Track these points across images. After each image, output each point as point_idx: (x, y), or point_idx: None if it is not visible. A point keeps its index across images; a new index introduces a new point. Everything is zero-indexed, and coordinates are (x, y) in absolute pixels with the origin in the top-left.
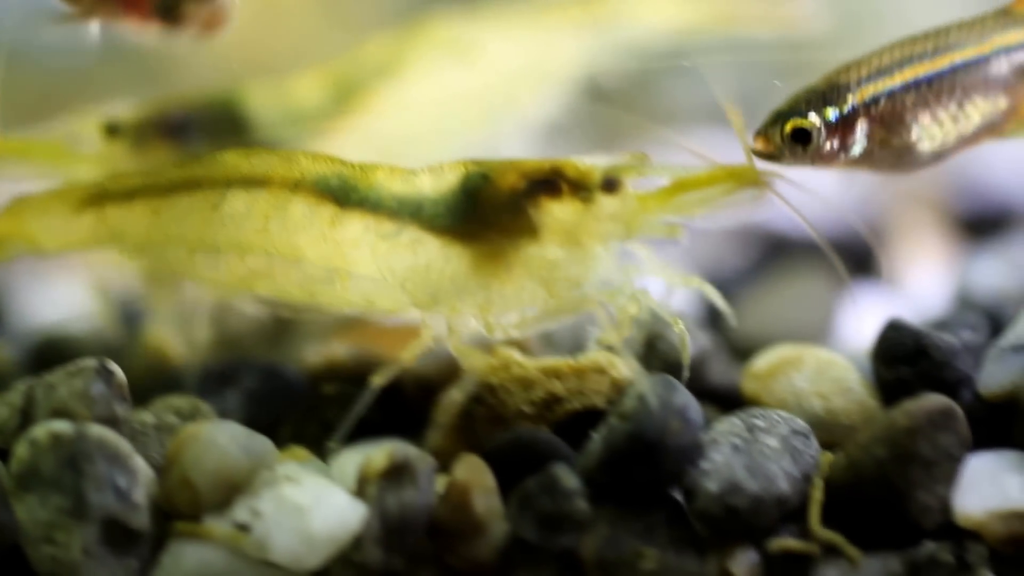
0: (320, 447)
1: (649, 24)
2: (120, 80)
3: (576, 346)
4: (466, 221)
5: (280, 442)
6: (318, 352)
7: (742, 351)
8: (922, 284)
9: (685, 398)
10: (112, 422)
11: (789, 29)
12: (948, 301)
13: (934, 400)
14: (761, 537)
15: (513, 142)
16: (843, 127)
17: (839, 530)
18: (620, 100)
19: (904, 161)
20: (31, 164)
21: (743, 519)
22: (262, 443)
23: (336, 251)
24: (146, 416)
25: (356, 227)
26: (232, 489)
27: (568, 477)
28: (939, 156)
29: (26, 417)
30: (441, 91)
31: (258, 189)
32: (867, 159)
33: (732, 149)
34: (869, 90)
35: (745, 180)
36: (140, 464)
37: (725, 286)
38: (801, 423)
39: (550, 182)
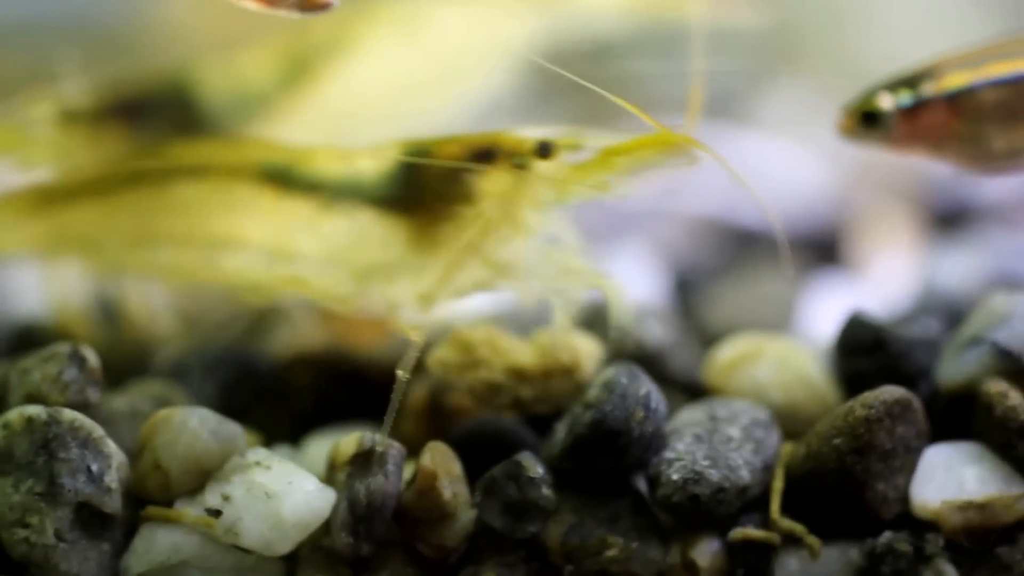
0: (290, 435)
1: (599, 5)
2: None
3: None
4: (405, 194)
5: (250, 429)
6: (289, 342)
7: (710, 342)
8: (888, 276)
9: (649, 387)
10: (85, 407)
11: (737, 16)
12: (913, 293)
13: (892, 391)
14: (723, 526)
15: (462, 119)
16: (918, 114)
17: (799, 520)
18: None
19: (978, 157)
20: None
21: (705, 508)
22: (233, 429)
23: (279, 233)
24: (119, 401)
25: (298, 208)
26: (203, 474)
27: (533, 465)
28: (1014, 157)
29: (0, 401)
30: (390, 68)
31: (200, 177)
32: (939, 149)
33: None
34: (951, 82)
35: (672, 147)
36: (113, 448)
37: (694, 278)
38: (763, 413)
39: (487, 151)
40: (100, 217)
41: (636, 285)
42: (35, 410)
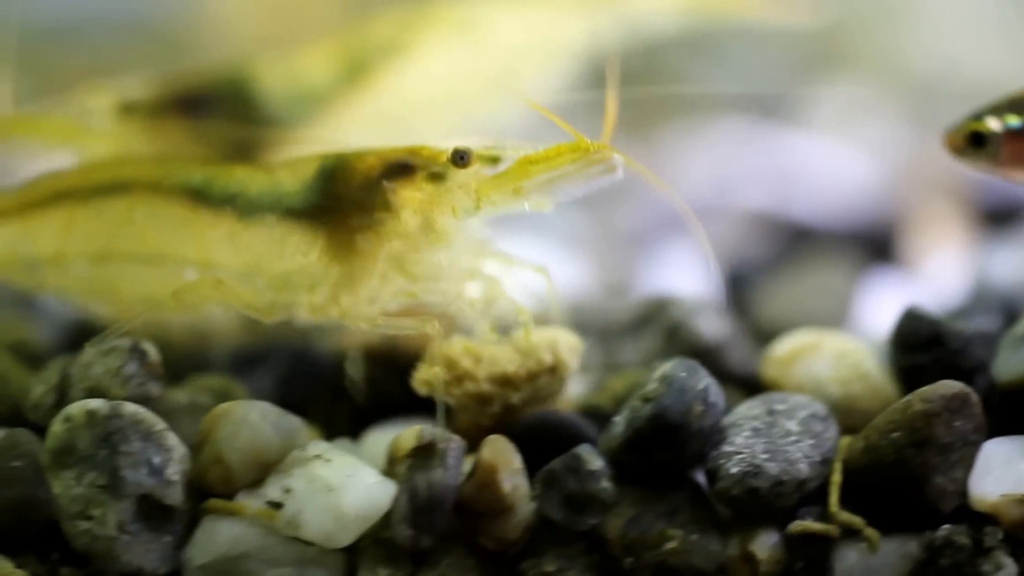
0: (349, 429)
1: (656, 5)
2: (134, 55)
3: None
4: (324, 206)
5: (310, 423)
6: (347, 338)
7: (764, 337)
8: (941, 272)
9: (707, 381)
10: (146, 400)
11: (795, 17)
12: (966, 289)
13: (950, 386)
14: (782, 519)
15: (517, 120)
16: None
17: (858, 513)
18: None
19: None
20: (44, 140)
21: (764, 501)
22: (293, 422)
23: (200, 248)
24: (179, 395)
25: (218, 222)
26: (264, 467)
27: (593, 458)
28: None
29: (61, 395)
30: (448, 69)
31: (122, 194)
32: None
33: (754, 137)
34: None
35: (592, 157)
36: (174, 441)
37: (748, 274)
38: (821, 407)
39: (404, 163)
40: (24, 236)
41: (689, 281)
42: (97, 404)
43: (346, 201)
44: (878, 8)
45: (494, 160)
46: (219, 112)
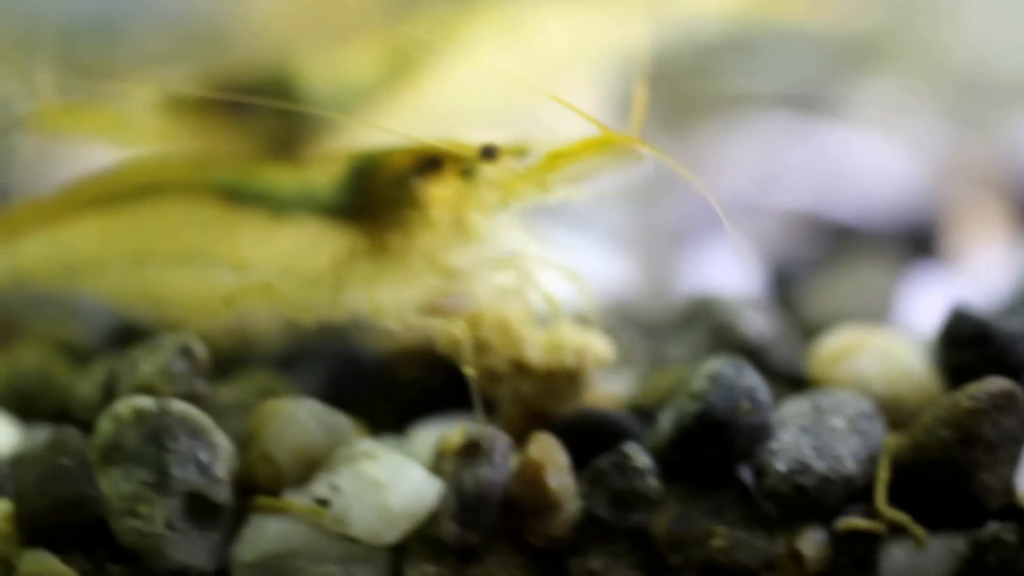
0: (395, 425)
1: (701, 8)
2: (172, 52)
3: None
4: (355, 203)
5: (356, 420)
6: (393, 337)
7: (809, 335)
8: (984, 269)
9: (754, 379)
10: (193, 398)
11: (840, 19)
12: (1010, 286)
13: (998, 383)
14: (828, 516)
15: (562, 121)
16: None
17: (905, 510)
18: (672, 82)
19: None
20: (87, 132)
21: (811, 498)
22: (340, 420)
23: (234, 248)
24: (226, 392)
25: (251, 222)
26: (311, 464)
27: (639, 455)
28: None
29: (108, 393)
30: (493, 68)
31: (156, 196)
32: None
33: (796, 135)
34: None
35: (618, 149)
36: (222, 439)
37: (792, 271)
38: (867, 404)
39: (433, 160)
40: (57, 239)
41: (733, 278)
42: (145, 401)
43: (376, 199)
44: (920, 4)
45: (522, 154)
46: (264, 109)
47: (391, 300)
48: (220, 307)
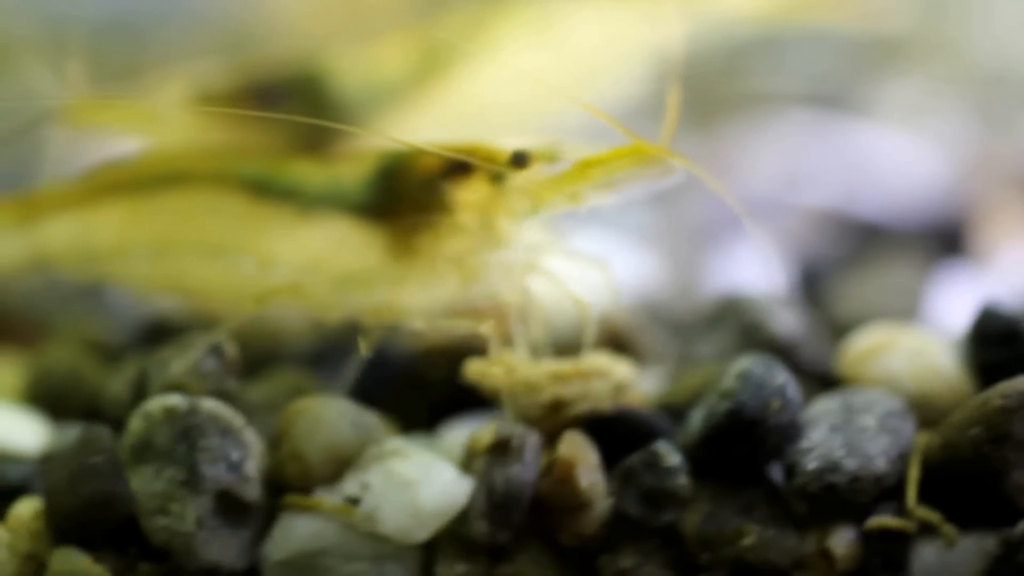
0: (425, 424)
1: (731, 8)
2: (199, 50)
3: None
4: (383, 201)
5: (386, 419)
6: (422, 336)
7: (837, 333)
8: (1012, 266)
9: (784, 377)
10: (224, 396)
11: (869, 21)
12: None
13: None
14: (859, 515)
15: (591, 122)
16: None
17: (935, 509)
18: (701, 81)
19: None
20: (117, 126)
21: (841, 497)
22: (370, 418)
23: (260, 242)
24: (256, 391)
25: (278, 217)
26: (341, 463)
27: (670, 454)
28: None
29: (139, 391)
30: (522, 67)
31: (183, 186)
32: None
33: (823, 134)
34: None
35: (649, 159)
36: (252, 437)
37: (819, 269)
38: (898, 403)
39: (463, 162)
40: (82, 226)
41: (760, 276)
42: (175, 400)
43: (404, 200)
44: (947, 4)
45: (552, 160)
46: (293, 105)
47: (418, 301)
48: (244, 300)
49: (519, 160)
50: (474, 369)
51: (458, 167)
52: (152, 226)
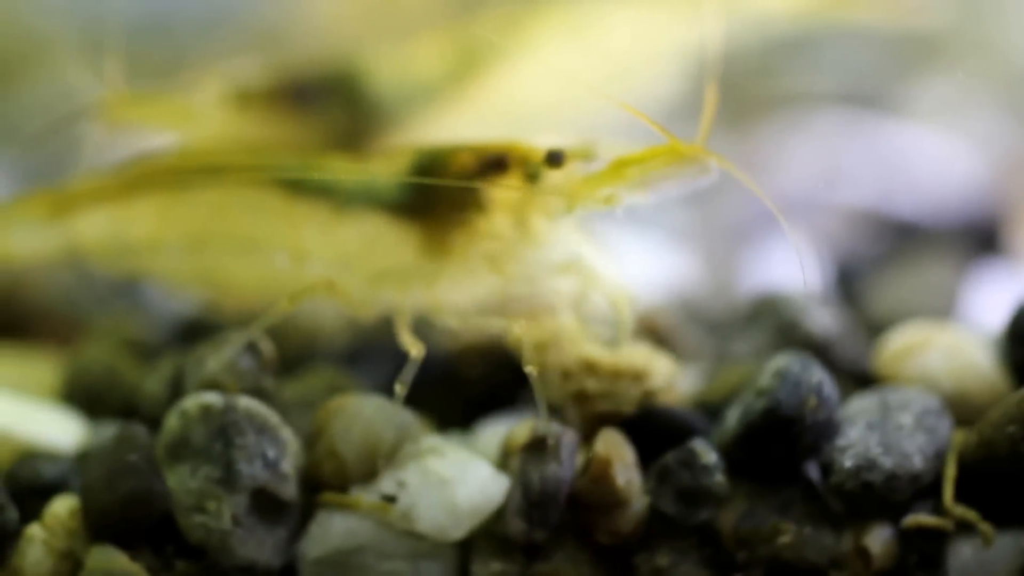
0: (461, 422)
1: (767, 6)
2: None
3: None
4: (418, 199)
5: (423, 417)
6: (459, 334)
7: (873, 331)
8: None
9: (821, 375)
10: (260, 394)
11: (905, 17)
12: None
13: None
14: (895, 513)
15: (626, 121)
16: None
17: (972, 507)
18: (736, 80)
19: None
20: (155, 122)
21: (878, 495)
22: (407, 416)
23: (292, 235)
24: (292, 389)
25: (312, 214)
26: (378, 461)
27: (707, 452)
28: None
29: (175, 389)
30: (559, 67)
31: (218, 181)
32: None
33: (858, 133)
34: None
35: (685, 159)
36: (288, 435)
37: (855, 268)
38: (934, 401)
39: (498, 160)
40: (117, 220)
41: (796, 275)
42: (212, 398)
43: (439, 198)
44: (983, 2)
45: (587, 159)
46: (330, 103)
47: (452, 299)
48: (278, 297)
49: (554, 159)
50: (519, 330)
51: (493, 165)
52: (186, 221)
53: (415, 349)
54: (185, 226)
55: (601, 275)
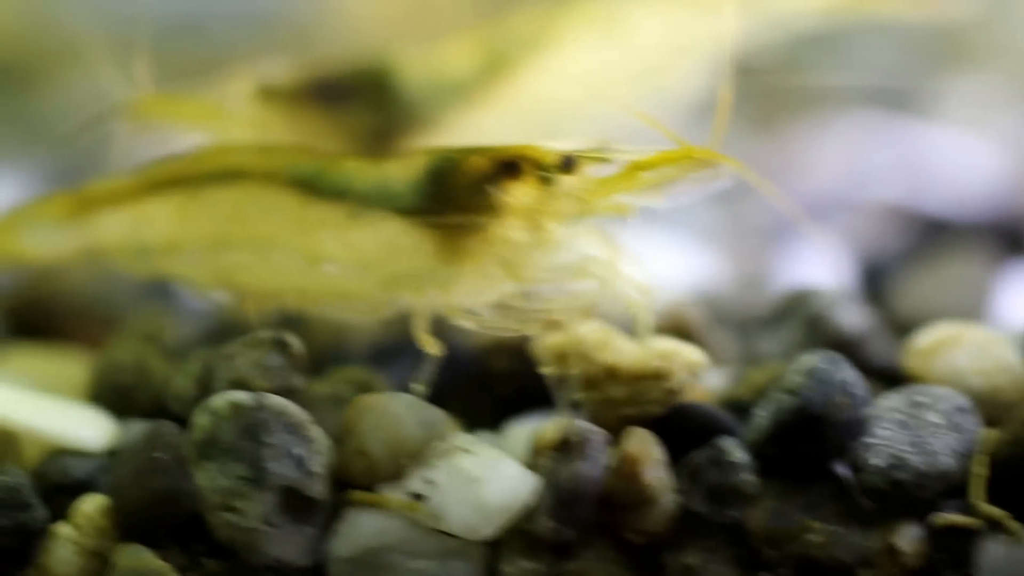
0: (490, 420)
1: (795, 2)
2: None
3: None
4: (432, 203)
5: (451, 415)
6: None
7: (901, 329)
8: None
9: (850, 374)
10: (289, 392)
11: (935, 12)
12: None
13: None
14: (925, 512)
15: (658, 117)
16: None
17: (1002, 505)
18: (763, 77)
19: None
20: (184, 121)
21: (908, 493)
22: (436, 414)
23: (308, 238)
24: (321, 387)
25: (327, 216)
26: (406, 459)
27: (736, 450)
28: None
29: (204, 387)
30: (589, 65)
31: (233, 182)
32: None
33: (885, 130)
34: None
35: (698, 162)
36: (317, 433)
37: (883, 266)
38: (963, 399)
39: (513, 164)
40: (136, 221)
41: (823, 273)
42: (241, 396)
43: (453, 202)
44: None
45: (601, 165)
46: (360, 102)
47: (467, 303)
48: (293, 298)
49: (567, 164)
50: (549, 345)
51: (507, 170)
52: (204, 222)
53: (433, 348)
54: (202, 228)
55: (617, 277)
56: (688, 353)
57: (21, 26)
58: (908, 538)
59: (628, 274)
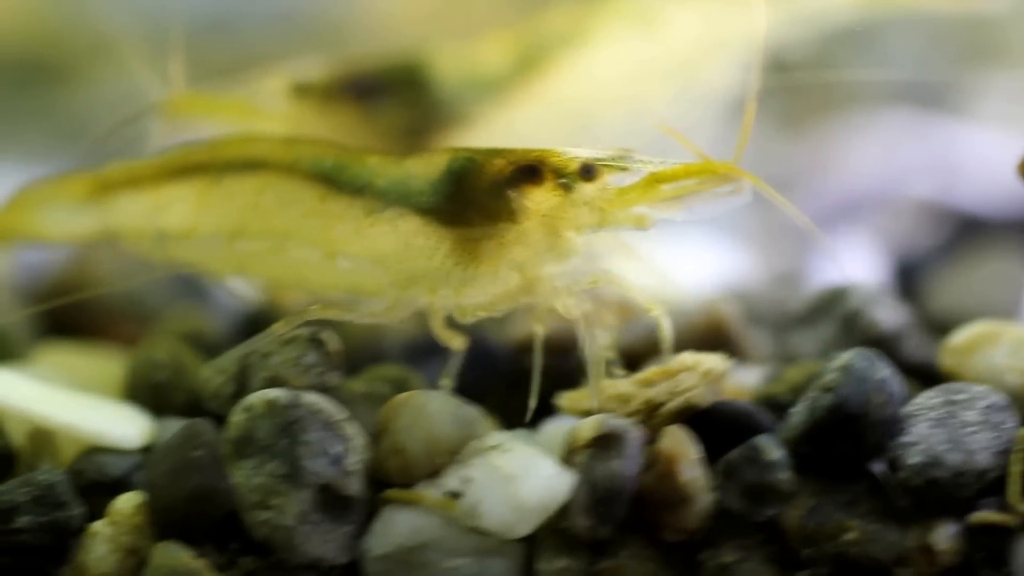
0: (526, 419)
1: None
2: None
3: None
4: (450, 204)
5: (487, 413)
6: (522, 326)
7: (936, 327)
8: None
9: (886, 372)
10: (325, 390)
11: (967, 6)
12: None
13: None
14: (961, 510)
15: (694, 113)
16: None
17: None
18: (800, 74)
19: None
20: (218, 118)
21: (944, 491)
22: (472, 412)
23: (325, 232)
24: (357, 384)
25: (345, 208)
26: (443, 457)
27: (772, 449)
28: None
29: (240, 385)
30: (624, 61)
31: (254, 172)
32: None
33: (919, 127)
34: None
35: (720, 175)
36: (353, 431)
37: (917, 264)
38: (1000, 397)
39: (533, 168)
40: (154, 206)
41: (858, 271)
42: (277, 393)
43: (472, 204)
44: None
45: (622, 174)
46: (394, 98)
47: (479, 305)
48: (308, 292)
49: (588, 172)
50: (566, 401)
51: (526, 175)
52: (222, 210)
53: (457, 343)
54: (220, 216)
55: (634, 285)
56: (708, 361)
57: (55, 25)
58: (945, 536)
59: (645, 284)
